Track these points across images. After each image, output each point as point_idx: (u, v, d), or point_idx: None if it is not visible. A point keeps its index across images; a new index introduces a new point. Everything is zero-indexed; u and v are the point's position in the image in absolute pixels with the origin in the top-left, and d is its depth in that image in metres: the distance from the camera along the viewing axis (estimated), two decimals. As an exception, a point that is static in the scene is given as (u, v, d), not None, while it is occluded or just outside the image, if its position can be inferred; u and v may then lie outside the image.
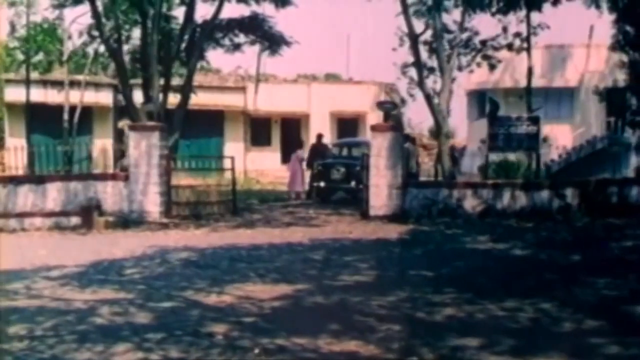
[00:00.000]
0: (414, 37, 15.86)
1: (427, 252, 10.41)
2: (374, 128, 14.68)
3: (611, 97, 23.02)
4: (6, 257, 9.95)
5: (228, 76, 32.80)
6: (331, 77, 36.72)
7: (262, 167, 28.65)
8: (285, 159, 30.68)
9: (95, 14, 16.02)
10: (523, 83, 27.38)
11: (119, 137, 28.77)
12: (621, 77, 20.87)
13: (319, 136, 21.75)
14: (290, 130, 30.56)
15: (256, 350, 5.47)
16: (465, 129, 33.82)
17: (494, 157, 22.94)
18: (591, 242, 11.11)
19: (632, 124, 20.03)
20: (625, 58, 19.27)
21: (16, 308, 6.98)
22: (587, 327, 6.07)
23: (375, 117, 31.07)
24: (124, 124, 30.05)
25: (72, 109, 24.15)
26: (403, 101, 32.06)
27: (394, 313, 6.70)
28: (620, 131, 26.47)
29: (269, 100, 29.45)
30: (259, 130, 30.28)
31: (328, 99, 29.76)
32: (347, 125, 30.37)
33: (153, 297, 7.39)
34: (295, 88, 30.68)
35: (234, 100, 29.36)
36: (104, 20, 17.55)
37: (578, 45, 28.76)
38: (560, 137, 27.72)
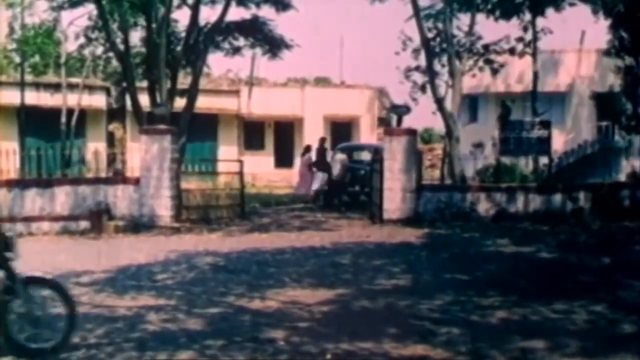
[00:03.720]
0: (426, 42, 15.88)
1: (454, 256, 10.40)
2: (389, 132, 14.63)
3: (603, 102, 23.32)
4: (28, 262, 9.68)
5: (219, 79, 32.53)
6: (321, 81, 36.61)
7: (255, 170, 28.37)
8: (279, 163, 30.71)
9: (102, 15, 15.76)
10: (515, 88, 27.83)
11: (110, 140, 28.47)
12: (612, 82, 21.17)
13: (323, 140, 21.59)
14: (284, 134, 30.46)
15: (328, 356, 5.39)
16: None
17: (484, 161, 23.10)
18: (614, 245, 11.20)
19: (627, 129, 20.31)
20: (620, 63, 19.50)
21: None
22: (648, 328, 6.09)
23: (367, 121, 31.22)
24: (114, 126, 29.75)
25: (67, 111, 23.77)
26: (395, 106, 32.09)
27: (447, 316, 6.65)
28: (612, 136, 26.83)
29: (263, 104, 29.27)
30: (252, 134, 30.08)
31: (322, 103, 29.66)
32: (340, 129, 30.30)
33: (196, 303, 7.25)
34: (288, 92, 30.55)
35: (228, 104, 29.13)
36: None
37: (568, 50, 29.04)
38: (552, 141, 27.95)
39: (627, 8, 18.50)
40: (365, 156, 20.61)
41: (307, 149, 21.37)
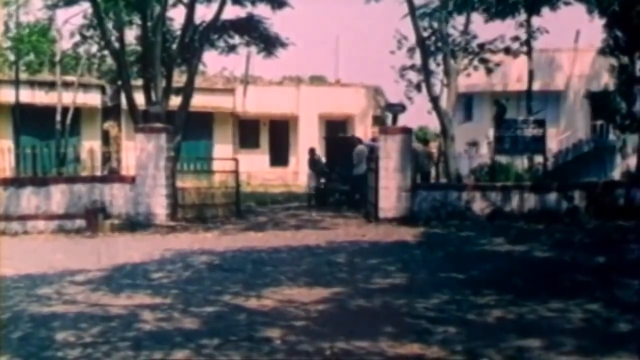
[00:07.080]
0: (421, 41, 15.89)
1: (449, 255, 10.41)
2: (384, 131, 14.64)
3: (598, 101, 23.41)
4: (24, 261, 9.70)
5: (214, 78, 32.50)
6: (316, 80, 36.61)
7: (250, 169, 28.38)
8: (274, 161, 30.69)
9: (97, 13, 15.73)
10: (510, 87, 27.88)
11: (105, 138, 28.42)
12: (606, 81, 21.25)
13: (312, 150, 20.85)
14: (279, 132, 30.47)
15: (327, 352, 5.39)
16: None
17: (479, 160, 23.16)
18: (609, 244, 11.23)
19: (622, 127, 20.41)
20: (614, 62, 19.59)
21: (55, 314, 6.78)
22: (643, 327, 6.11)
23: (362, 119, 31.23)
24: (109, 125, 29.69)
25: (62, 110, 23.72)
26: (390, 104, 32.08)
27: (443, 315, 6.65)
28: (606, 134, 26.94)
29: (258, 103, 29.30)
30: (247, 132, 30.11)
31: (316, 102, 29.71)
32: (335, 127, 30.32)
33: (192, 302, 7.24)
34: (283, 90, 30.56)
35: (223, 102, 29.13)
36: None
37: (563, 49, 29.13)
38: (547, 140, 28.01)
39: (621, 7, 18.58)
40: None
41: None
